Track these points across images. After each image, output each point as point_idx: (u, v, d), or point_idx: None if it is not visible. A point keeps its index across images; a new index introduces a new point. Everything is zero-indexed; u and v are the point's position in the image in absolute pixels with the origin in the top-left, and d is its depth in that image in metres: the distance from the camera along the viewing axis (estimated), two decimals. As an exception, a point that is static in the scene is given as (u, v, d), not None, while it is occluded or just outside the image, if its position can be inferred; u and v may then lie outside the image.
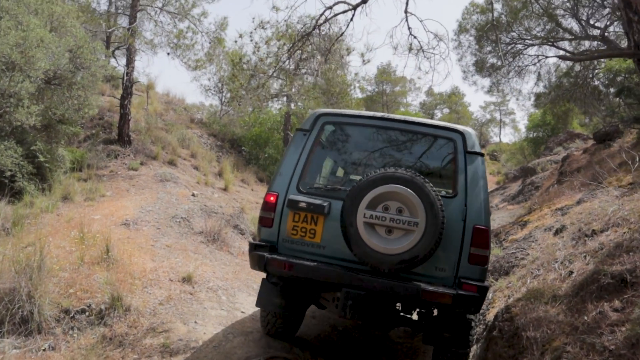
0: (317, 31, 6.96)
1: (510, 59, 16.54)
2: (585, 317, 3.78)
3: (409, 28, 6.75)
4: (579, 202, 9.30)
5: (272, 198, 4.34)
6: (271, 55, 7.95)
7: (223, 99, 23.26)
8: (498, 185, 31.22)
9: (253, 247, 4.29)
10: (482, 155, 4.34)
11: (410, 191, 3.86)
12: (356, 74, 21.48)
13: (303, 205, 4.21)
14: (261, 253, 4.17)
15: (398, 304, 4.62)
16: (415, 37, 6.83)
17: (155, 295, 5.74)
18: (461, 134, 4.36)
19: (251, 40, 6.95)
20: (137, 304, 5.43)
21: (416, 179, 3.90)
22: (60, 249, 6.47)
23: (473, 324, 4.54)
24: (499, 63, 16.99)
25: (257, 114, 21.10)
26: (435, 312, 4.59)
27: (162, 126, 17.21)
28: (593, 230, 6.57)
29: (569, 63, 16.25)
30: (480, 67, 16.83)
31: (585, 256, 5.45)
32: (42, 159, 9.78)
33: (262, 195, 16.20)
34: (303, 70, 21.25)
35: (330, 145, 4.75)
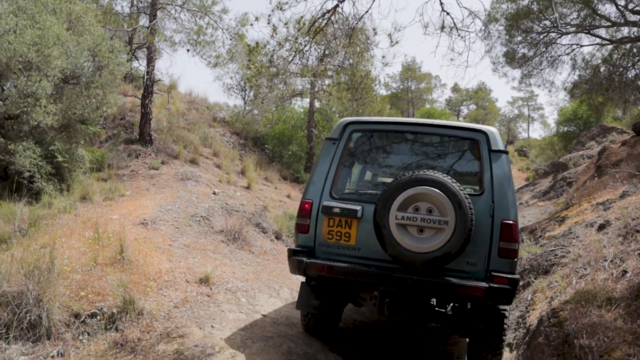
0: (340, 8, 6.51)
1: (543, 49, 15.83)
2: (651, 323, 3.30)
3: (442, 3, 6.22)
4: (622, 196, 8.70)
5: (307, 205, 4.58)
6: (290, 38, 7.51)
7: (246, 98, 23.00)
8: (527, 181, 30.32)
9: (292, 253, 4.55)
10: (506, 152, 4.50)
11: (439, 191, 4.04)
12: (385, 62, 20.90)
13: (337, 210, 4.45)
14: (300, 258, 4.43)
15: (433, 300, 4.66)
16: (448, 14, 6.30)
17: (170, 298, 5.41)
18: (484, 133, 4.52)
19: (268, 23, 6.55)
20: (151, 307, 5.10)
21: (443, 179, 4.08)
22: (73, 249, 6.19)
23: (507, 314, 4.63)
24: (530, 53, 16.30)
25: (280, 112, 20.78)
26: (469, 305, 4.64)
27: (184, 125, 17.02)
28: (645, 225, 6.02)
29: (606, 51, 15.48)
30: (511, 57, 16.13)
31: (639, 254, 4.93)
32: (60, 159, 9.59)
33: (285, 193, 15.91)
34: (327, 67, 20.89)
35: (358, 152, 4.98)
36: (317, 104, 20.43)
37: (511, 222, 4.21)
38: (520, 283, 7.77)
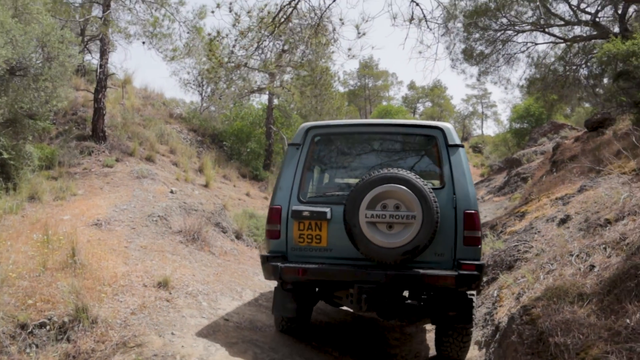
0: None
1: (500, 47, 16.08)
2: (628, 320, 3.24)
3: (411, -7, 6.07)
4: (580, 191, 8.84)
5: (276, 211, 4.63)
6: (253, 27, 7.23)
7: (204, 94, 22.47)
8: (482, 177, 30.94)
9: (266, 259, 4.58)
10: (462, 146, 4.68)
11: (405, 188, 4.20)
12: (351, 54, 20.77)
13: (306, 214, 4.53)
14: (275, 263, 4.47)
15: (405, 293, 4.84)
16: (417, 4, 6.15)
17: (127, 304, 5.09)
18: (441, 129, 4.70)
19: (230, 11, 6.21)
20: (106, 314, 4.78)
21: (408, 176, 4.24)
22: (20, 253, 5.78)
23: (474, 300, 4.86)
24: (488, 51, 16.52)
25: (238, 108, 20.39)
26: (439, 294, 4.77)
27: (140, 121, 16.46)
28: (606, 219, 6.08)
29: (559, 50, 15.84)
30: (469, 54, 16.32)
31: (605, 248, 4.94)
32: (6, 156, 9.03)
33: (244, 191, 15.61)
34: (286, 63, 20.64)
35: (322, 156, 5.09)
36: (275, 101, 20.13)
37: (473, 211, 4.42)
38: (484, 279, 7.78)
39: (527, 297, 4.87)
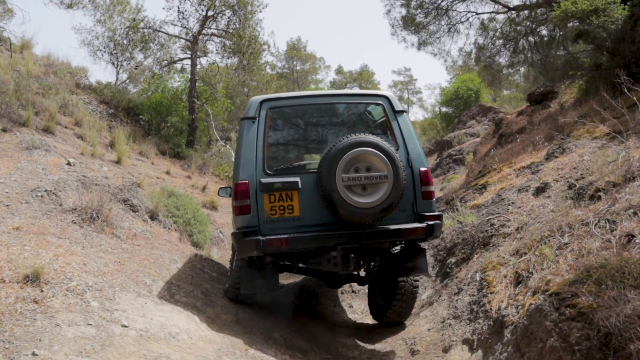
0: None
1: (442, 14, 15.06)
2: None
3: None
4: (548, 158, 7.84)
5: (243, 186, 4.55)
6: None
7: (117, 64, 20.02)
8: (415, 160, 30.20)
9: (242, 235, 4.47)
10: (406, 112, 5.14)
11: (375, 150, 4.42)
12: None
13: (278, 185, 4.57)
14: (256, 237, 4.42)
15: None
16: None
17: (-35, 310, 3.38)
18: (386, 97, 5.11)
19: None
20: None
21: (375, 140, 4.49)
22: None
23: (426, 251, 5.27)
24: (428, 19, 15.49)
25: (157, 80, 18.25)
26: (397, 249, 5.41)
27: (38, 89, 14.09)
28: (612, 182, 4.97)
29: (502, 19, 15.04)
30: (409, 22, 15.19)
31: (635, 213, 3.79)
32: None
33: (164, 169, 13.74)
34: (210, 31, 18.67)
35: (279, 127, 5.14)
36: (198, 66, 18.14)
37: (426, 169, 4.87)
38: (452, 260, 6.59)
39: (542, 281, 3.60)
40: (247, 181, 4.54)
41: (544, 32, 12.73)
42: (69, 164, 8.26)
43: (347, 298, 7.54)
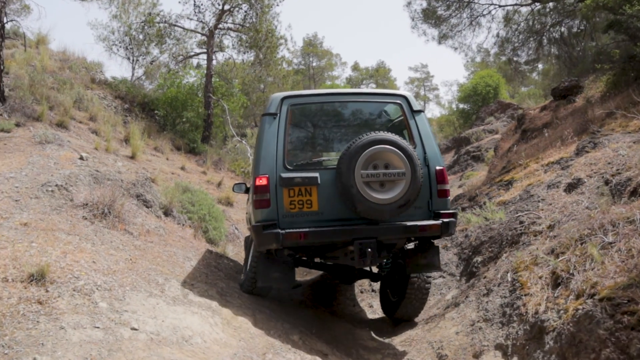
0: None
1: (464, 6, 14.65)
2: None
3: None
4: (578, 153, 7.47)
5: (264, 180, 4.58)
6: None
7: (133, 59, 19.91)
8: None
9: (262, 228, 4.49)
10: (423, 111, 5.16)
11: (394, 148, 4.52)
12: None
13: (298, 180, 4.61)
14: (276, 230, 4.45)
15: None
16: None
17: (-35, 311, 3.16)
18: (404, 97, 5.16)
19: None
20: None
21: (394, 137, 4.57)
22: None
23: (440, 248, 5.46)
24: (449, 12, 15.10)
25: (173, 75, 18.06)
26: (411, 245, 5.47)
27: (53, 84, 13.99)
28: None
29: (527, 10, 14.58)
30: (429, 15, 14.81)
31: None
32: None
33: (179, 165, 13.56)
34: (227, 25, 18.44)
35: (299, 123, 5.21)
36: (215, 63, 17.92)
37: (442, 167, 4.94)
38: (479, 259, 6.27)
39: (587, 283, 3.29)
40: (267, 175, 4.59)
41: (571, 24, 12.25)
42: (81, 158, 8.07)
43: (367, 297, 7.26)
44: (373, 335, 5.73)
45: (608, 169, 6.13)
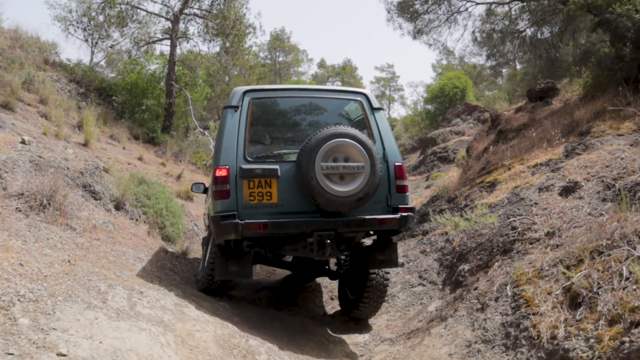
0: None
1: (441, 2, 14.20)
2: None
3: None
4: (568, 155, 7.03)
5: (224, 171, 4.59)
6: None
7: (90, 40, 18.69)
8: (397, 156, 29.46)
9: (220, 219, 4.48)
10: (383, 109, 5.40)
11: (353, 142, 4.62)
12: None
13: (258, 172, 4.64)
14: (235, 221, 4.45)
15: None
16: None
17: None
18: (364, 95, 5.36)
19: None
20: None
21: (354, 132, 4.68)
22: None
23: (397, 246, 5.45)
24: (425, 7, 14.63)
25: (133, 61, 17.01)
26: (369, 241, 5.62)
27: (1, 62, 12.85)
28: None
29: (502, 9, 14.25)
30: (405, 8, 14.31)
31: None
32: None
33: (136, 155, 12.64)
34: (193, 11, 17.50)
35: (260, 117, 5.16)
36: (178, 51, 16.97)
37: (400, 163, 5.02)
38: (466, 267, 5.71)
39: (623, 306, 2.73)
40: (227, 167, 4.58)
41: (552, 23, 11.90)
42: (23, 142, 7.16)
43: (337, 305, 6.63)
44: (350, 350, 5.10)
45: (607, 172, 5.66)
